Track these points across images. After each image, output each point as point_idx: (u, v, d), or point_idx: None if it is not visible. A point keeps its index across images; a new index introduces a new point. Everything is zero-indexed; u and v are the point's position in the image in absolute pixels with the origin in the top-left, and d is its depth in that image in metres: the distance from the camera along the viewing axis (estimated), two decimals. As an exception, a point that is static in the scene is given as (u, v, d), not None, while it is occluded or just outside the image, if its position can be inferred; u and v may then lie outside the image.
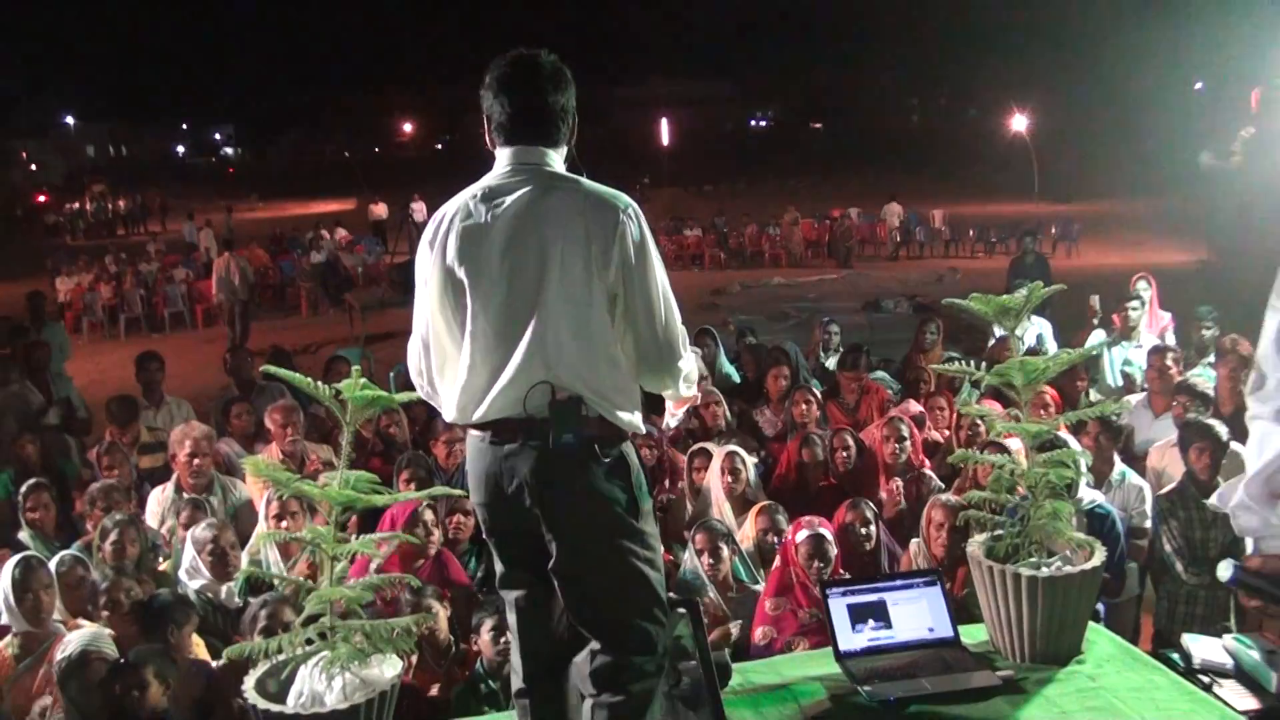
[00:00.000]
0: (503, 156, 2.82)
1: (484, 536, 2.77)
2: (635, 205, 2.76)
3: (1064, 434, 4.86)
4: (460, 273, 2.70)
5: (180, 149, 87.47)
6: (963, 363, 4.05)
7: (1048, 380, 3.89)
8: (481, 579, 5.29)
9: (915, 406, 6.85)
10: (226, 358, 8.36)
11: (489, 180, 2.80)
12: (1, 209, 45.02)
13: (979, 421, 6.17)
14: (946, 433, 6.56)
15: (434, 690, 4.32)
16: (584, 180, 2.78)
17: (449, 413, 2.83)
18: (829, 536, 4.66)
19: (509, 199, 2.71)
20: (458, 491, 3.29)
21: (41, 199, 48.25)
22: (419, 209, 28.89)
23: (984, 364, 3.86)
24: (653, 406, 3.05)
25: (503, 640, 4.14)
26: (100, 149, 78.74)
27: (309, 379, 2.93)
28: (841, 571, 4.70)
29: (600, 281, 2.67)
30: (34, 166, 61.04)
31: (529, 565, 2.78)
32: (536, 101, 2.78)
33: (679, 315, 2.84)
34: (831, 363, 8.58)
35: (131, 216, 41.59)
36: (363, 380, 2.91)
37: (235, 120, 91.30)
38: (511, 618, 2.85)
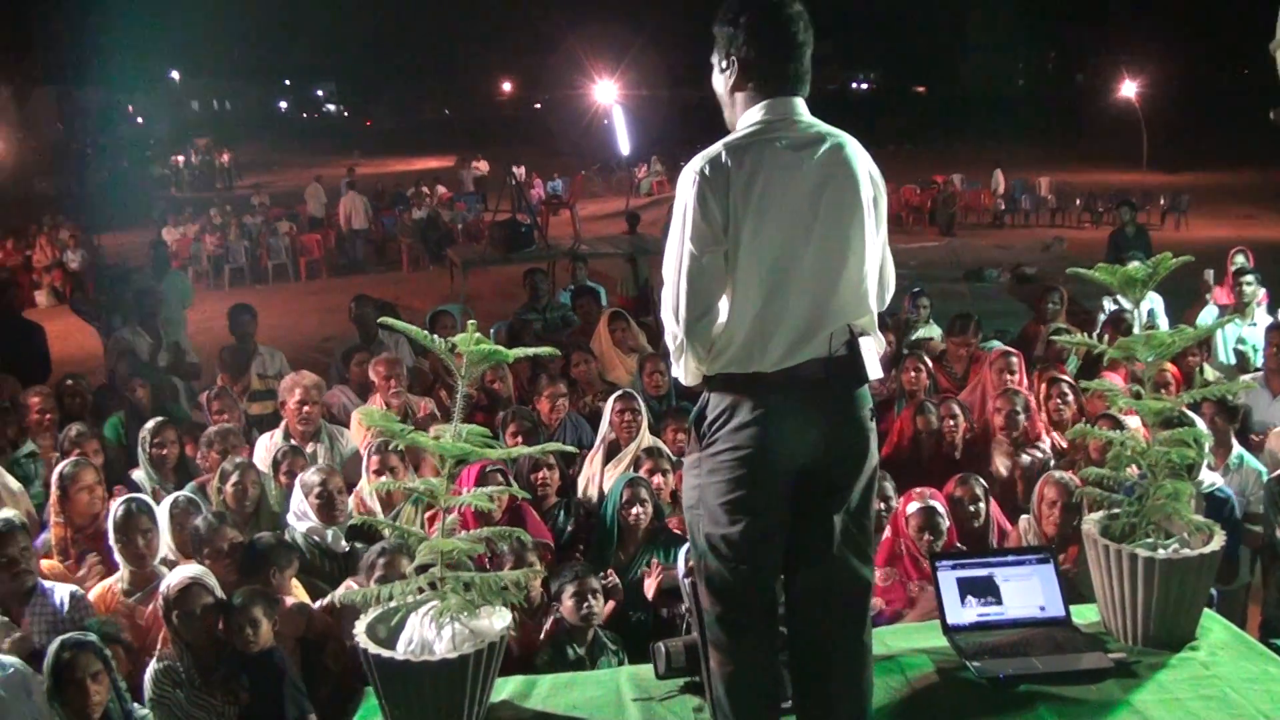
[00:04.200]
0: (762, 105, 2.83)
1: (748, 484, 2.72)
2: None
3: (1188, 412, 4.70)
4: (774, 223, 2.72)
5: (283, 105, 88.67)
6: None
7: (1170, 357, 3.79)
8: (570, 535, 5.28)
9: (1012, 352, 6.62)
10: (352, 306, 8.36)
11: (770, 129, 2.79)
12: (109, 161, 46.14)
13: (1067, 392, 6.04)
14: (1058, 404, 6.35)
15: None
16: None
17: (728, 363, 2.77)
18: (941, 509, 4.57)
19: (812, 149, 2.77)
20: (569, 448, 3.28)
21: (147, 153, 49.30)
22: (519, 171, 29.07)
23: (1104, 337, 3.75)
24: None
25: (585, 606, 4.15)
26: (204, 104, 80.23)
27: (425, 332, 2.95)
28: (958, 544, 4.62)
29: (879, 229, 2.89)
30: (140, 120, 62.39)
31: (786, 506, 2.81)
32: (800, 52, 2.82)
33: None
34: (920, 334, 8.41)
35: (229, 171, 42.37)
36: (477, 335, 2.92)
37: (337, 78, 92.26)
38: (751, 565, 2.79)
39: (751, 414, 2.71)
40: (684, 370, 2.85)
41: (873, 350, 2.81)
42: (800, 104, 2.84)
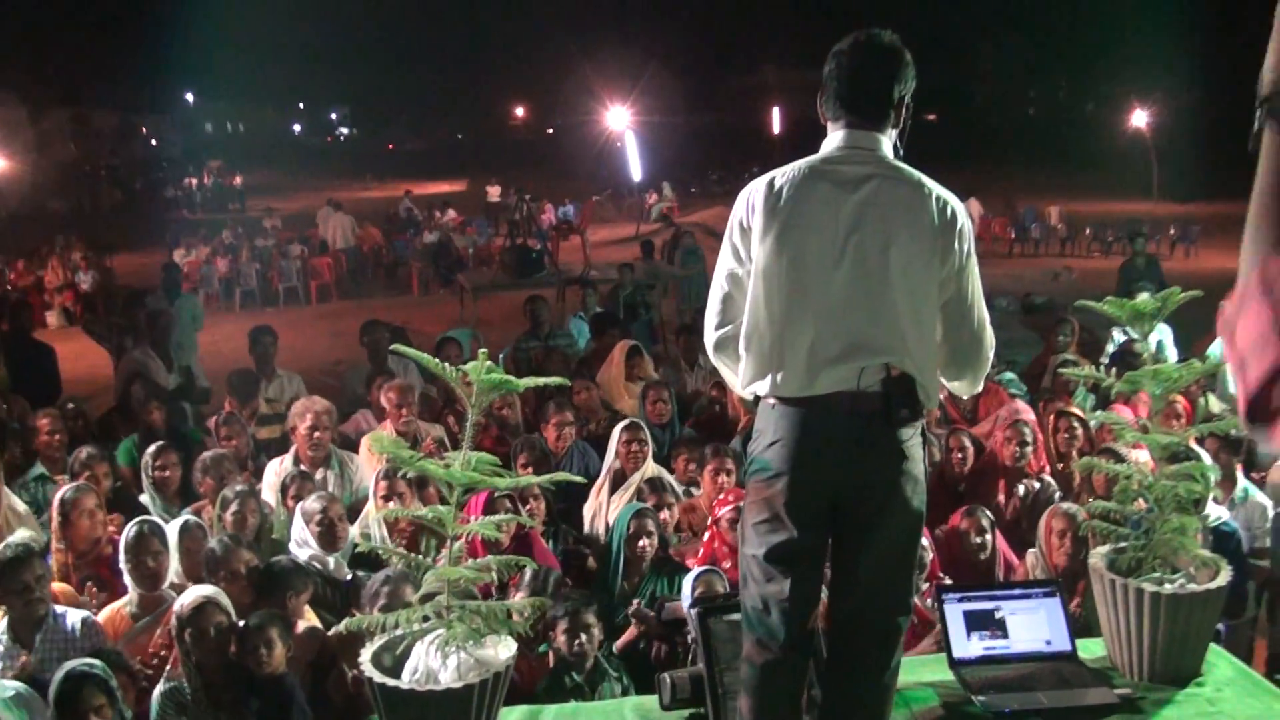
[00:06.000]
0: (836, 135, 2.90)
1: (775, 505, 2.77)
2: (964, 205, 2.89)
3: (1194, 446, 4.70)
4: (798, 248, 2.77)
5: (296, 128, 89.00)
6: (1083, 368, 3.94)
7: (1178, 390, 3.79)
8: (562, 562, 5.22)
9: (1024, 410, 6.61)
10: (362, 332, 8.33)
11: (828, 159, 2.87)
12: (123, 183, 46.32)
13: (1076, 425, 6.02)
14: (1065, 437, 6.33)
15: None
16: (922, 175, 2.86)
17: (750, 380, 2.86)
18: (924, 542, 4.56)
19: (857, 184, 2.79)
20: (578, 478, 3.29)
21: (160, 175, 49.43)
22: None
23: (1114, 369, 3.75)
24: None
25: (576, 643, 4.08)
26: (218, 126, 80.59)
27: (437, 360, 2.96)
28: (941, 575, 4.61)
29: (936, 274, 2.81)
30: (154, 142, 62.62)
31: (818, 533, 2.82)
32: (872, 86, 2.87)
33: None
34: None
35: (240, 193, 42.40)
36: (489, 363, 2.93)
37: (351, 102, 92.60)
38: (778, 586, 2.80)
39: (775, 435, 2.79)
40: (726, 380, 3.05)
41: (914, 394, 2.78)
42: (872, 138, 2.87)
